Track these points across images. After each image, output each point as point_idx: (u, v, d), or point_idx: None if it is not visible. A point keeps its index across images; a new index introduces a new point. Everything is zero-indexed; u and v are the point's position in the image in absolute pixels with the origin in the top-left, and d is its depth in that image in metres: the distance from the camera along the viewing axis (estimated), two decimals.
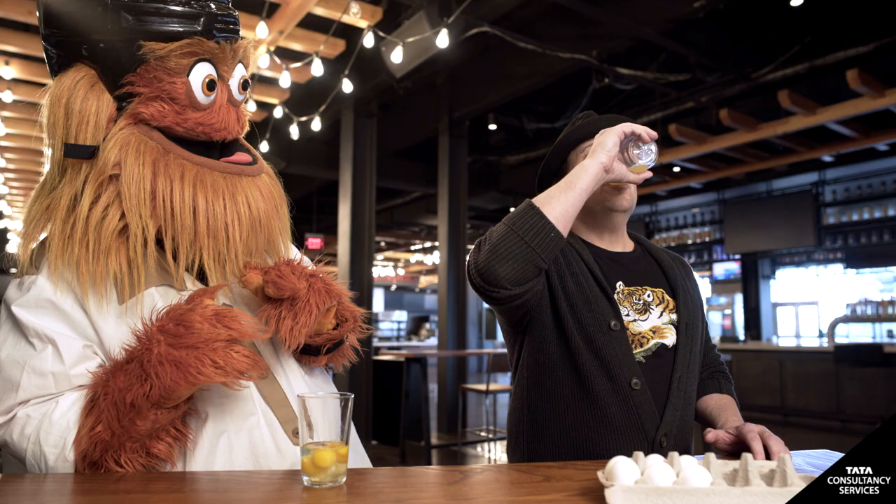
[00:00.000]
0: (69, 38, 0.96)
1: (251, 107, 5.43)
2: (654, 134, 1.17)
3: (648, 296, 1.28)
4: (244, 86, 1.06)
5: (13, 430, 0.87)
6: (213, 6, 0.98)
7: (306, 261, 1.10)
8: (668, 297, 1.30)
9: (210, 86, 0.98)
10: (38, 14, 0.99)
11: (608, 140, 1.15)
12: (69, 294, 0.92)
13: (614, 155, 1.15)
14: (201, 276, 0.99)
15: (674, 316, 1.28)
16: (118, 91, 0.96)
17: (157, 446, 0.86)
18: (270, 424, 0.94)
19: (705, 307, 1.43)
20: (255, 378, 0.91)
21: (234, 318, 0.86)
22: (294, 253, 1.13)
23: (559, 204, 1.12)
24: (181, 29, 0.95)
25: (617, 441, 1.16)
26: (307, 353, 1.05)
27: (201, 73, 0.97)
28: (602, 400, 1.17)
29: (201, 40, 0.96)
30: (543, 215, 1.10)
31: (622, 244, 1.37)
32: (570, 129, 1.39)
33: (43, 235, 0.98)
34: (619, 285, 1.27)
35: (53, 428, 0.86)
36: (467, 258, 1.16)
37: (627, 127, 1.16)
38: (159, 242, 0.95)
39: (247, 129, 1.09)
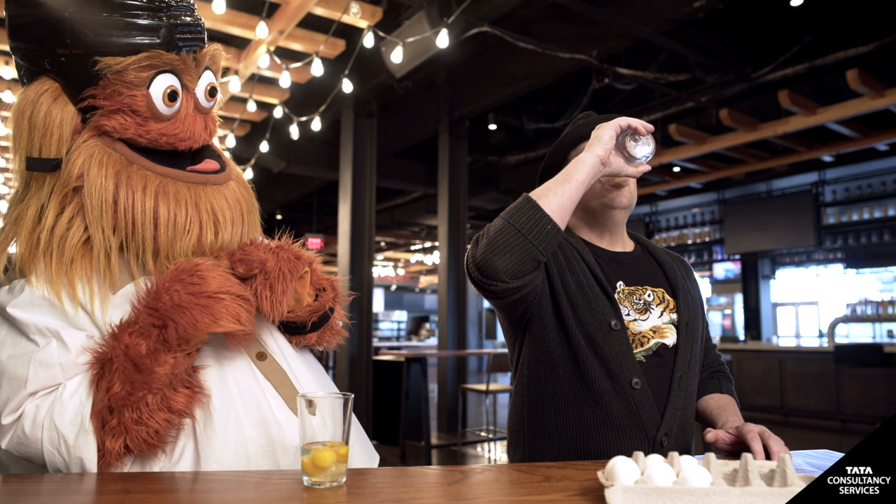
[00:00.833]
0: (32, 51, 0.97)
1: (251, 107, 5.43)
2: (651, 127, 1.16)
3: (649, 295, 1.28)
4: (211, 93, 1.06)
5: (24, 424, 0.86)
6: (175, 17, 0.98)
7: None
8: (669, 297, 1.30)
9: (171, 97, 0.99)
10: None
11: (604, 133, 1.15)
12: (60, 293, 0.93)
13: (611, 148, 1.15)
14: None
15: (674, 316, 1.28)
16: (81, 104, 0.97)
17: (175, 398, 0.87)
18: (276, 402, 0.95)
19: (705, 307, 1.43)
20: (249, 330, 0.92)
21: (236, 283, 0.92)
22: None
23: (556, 197, 1.12)
24: (140, 41, 0.95)
25: (617, 440, 1.16)
26: (295, 333, 1.06)
27: (162, 84, 0.98)
28: (603, 399, 1.17)
29: (160, 53, 0.96)
30: (540, 208, 1.10)
31: (622, 244, 1.37)
32: (569, 129, 1.39)
33: (12, 248, 0.98)
34: (620, 285, 1.27)
35: (66, 407, 0.86)
36: (466, 253, 1.16)
37: (623, 121, 1.16)
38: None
39: (216, 134, 1.10)
